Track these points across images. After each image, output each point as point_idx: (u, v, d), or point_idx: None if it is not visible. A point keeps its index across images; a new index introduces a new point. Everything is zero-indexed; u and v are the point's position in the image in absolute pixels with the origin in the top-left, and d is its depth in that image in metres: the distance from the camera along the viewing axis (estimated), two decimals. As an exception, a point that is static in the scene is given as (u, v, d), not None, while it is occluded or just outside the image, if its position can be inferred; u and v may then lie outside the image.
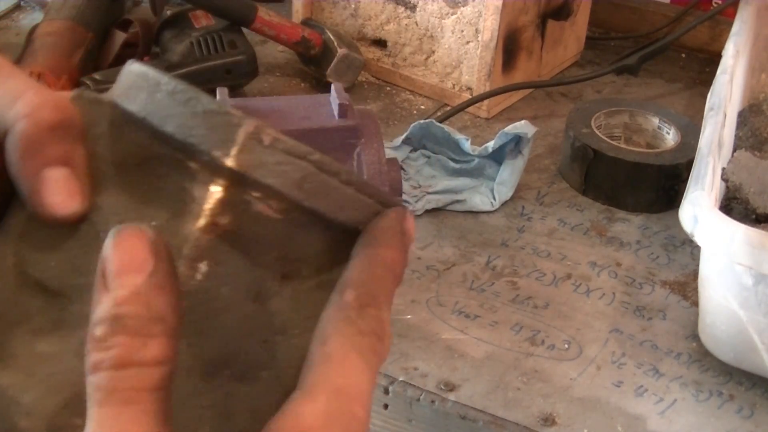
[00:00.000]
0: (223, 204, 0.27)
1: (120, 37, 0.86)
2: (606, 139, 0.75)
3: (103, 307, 0.24)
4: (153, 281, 0.24)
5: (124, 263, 0.24)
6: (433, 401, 0.55)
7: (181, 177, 0.27)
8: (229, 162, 0.26)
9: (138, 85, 0.28)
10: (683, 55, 1.03)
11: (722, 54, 0.76)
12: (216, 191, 0.27)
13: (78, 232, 0.27)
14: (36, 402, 0.26)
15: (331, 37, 0.87)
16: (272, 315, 0.28)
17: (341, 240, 0.29)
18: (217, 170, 0.26)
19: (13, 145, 0.27)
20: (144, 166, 0.27)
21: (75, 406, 0.25)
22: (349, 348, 0.27)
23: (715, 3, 1.04)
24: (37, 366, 0.26)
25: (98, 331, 0.24)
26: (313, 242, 0.28)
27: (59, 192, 0.27)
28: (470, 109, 0.86)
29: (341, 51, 0.86)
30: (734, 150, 0.69)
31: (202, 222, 0.26)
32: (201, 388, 0.27)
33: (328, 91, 0.62)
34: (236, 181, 0.27)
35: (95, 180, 0.28)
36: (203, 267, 0.26)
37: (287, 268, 0.28)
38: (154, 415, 0.24)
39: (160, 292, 0.25)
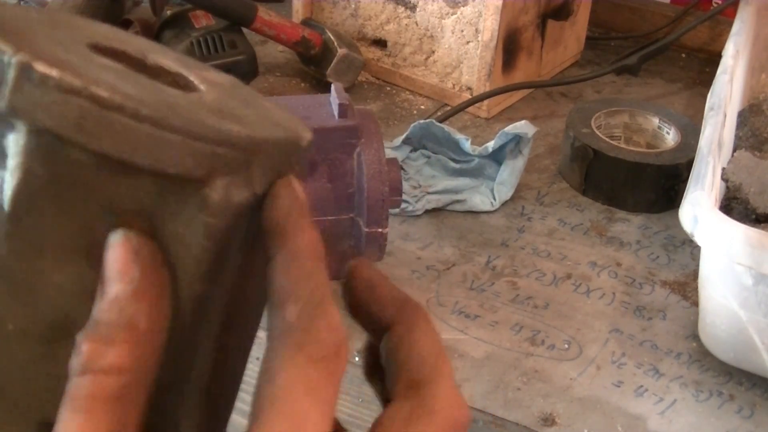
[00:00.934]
0: (32, 152, 0.24)
1: (120, 37, 0.86)
2: (606, 139, 0.75)
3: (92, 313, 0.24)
4: (130, 288, 0.24)
5: (112, 272, 0.24)
6: (433, 401, 0.54)
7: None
8: (2, 103, 0.24)
9: None
10: (683, 55, 1.03)
11: (722, 54, 0.76)
12: (16, 140, 0.24)
13: None
14: None
15: (331, 37, 0.87)
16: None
17: (176, 187, 0.25)
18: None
19: None
20: None
21: None
22: (300, 385, 0.24)
23: (715, 3, 1.04)
24: None
25: (78, 336, 0.24)
26: (139, 191, 0.25)
27: None
28: (470, 109, 0.86)
29: (341, 51, 0.86)
30: (734, 150, 0.69)
31: (18, 174, 0.24)
32: (45, 355, 0.25)
33: (328, 91, 0.62)
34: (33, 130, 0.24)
35: None
36: (25, 220, 0.24)
37: (118, 221, 0.25)
38: (105, 427, 0.23)
39: (136, 299, 0.24)
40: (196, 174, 0.25)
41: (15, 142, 0.24)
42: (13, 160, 0.24)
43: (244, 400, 0.63)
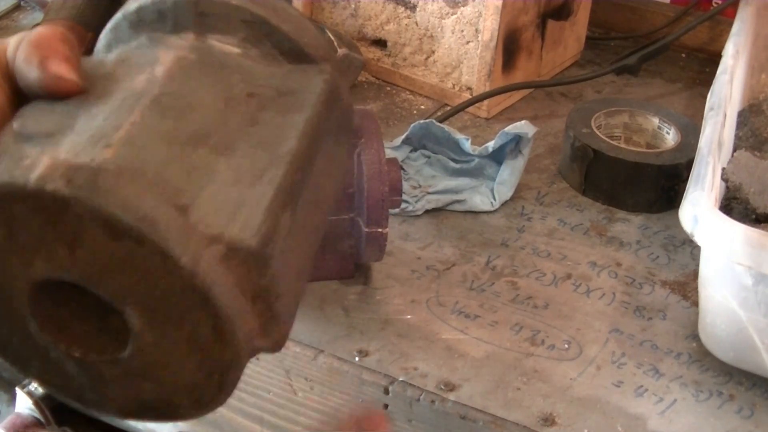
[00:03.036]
0: (190, 47, 0.34)
1: (120, 36, 0.86)
2: (606, 139, 0.75)
3: None
4: None
5: None
6: (433, 401, 0.55)
7: (157, 47, 0.34)
8: None
9: (121, 8, 0.36)
10: (683, 55, 1.03)
11: (722, 54, 0.76)
12: (183, 42, 0.34)
13: (70, 100, 0.32)
14: None
15: (331, 37, 0.87)
16: (242, 112, 0.33)
17: (296, 67, 0.35)
18: (182, 19, 0.34)
19: (26, 42, 0.33)
20: (125, 60, 0.34)
21: None
22: None
23: (715, 3, 1.04)
24: None
25: None
26: (269, 71, 0.35)
27: (63, 67, 0.32)
28: (470, 109, 0.86)
29: (341, 51, 0.86)
30: (734, 150, 0.69)
31: (173, 59, 0.33)
32: (184, 154, 0.30)
33: (328, 91, 0.62)
34: (199, 27, 0.34)
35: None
36: (178, 78, 0.33)
37: (251, 89, 0.34)
38: None
39: None
40: (319, 53, 0.36)
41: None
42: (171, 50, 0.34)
43: (244, 401, 0.63)
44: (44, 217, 0.28)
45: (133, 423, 0.69)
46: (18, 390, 0.67)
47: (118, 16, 0.36)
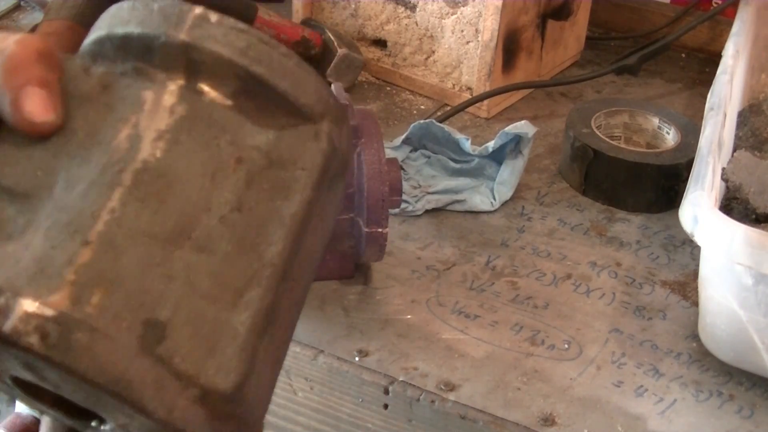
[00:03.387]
0: (179, 95, 0.32)
1: (120, 37, 0.86)
2: (606, 139, 0.75)
3: None
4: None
5: None
6: (433, 401, 0.55)
7: (143, 83, 0.32)
8: (182, 36, 0.31)
9: (107, 15, 0.34)
10: (683, 55, 1.03)
11: (722, 54, 0.76)
12: (171, 85, 0.32)
13: (48, 143, 0.31)
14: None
15: (331, 37, 0.87)
16: (228, 192, 0.31)
17: (291, 126, 0.33)
18: (171, 59, 0.32)
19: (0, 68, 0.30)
20: (109, 87, 0.32)
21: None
22: None
23: (715, 3, 1.04)
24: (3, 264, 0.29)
25: None
26: (262, 129, 0.32)
27: (38, 104, 0.30)
28: (470, 109, 0.86)
29: (341, 51, 0.86)
30: (734, 150, 0.69)
31: (159, 110, 0.31)
32: (163, 257, 0.29)
33: (328, 91, 0.62)
34: (189, 70, 0.32)
35: (67, 108, 0.32)
36: (162, 145, 0.30)
37: (240, 153, 0.32)
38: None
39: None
40: (317, 110, 0.33)
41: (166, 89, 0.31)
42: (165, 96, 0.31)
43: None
44: (19, 356, 0.28)
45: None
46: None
47: (102, 33, 0.33)
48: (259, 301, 0.30)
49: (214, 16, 0.32)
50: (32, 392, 0.33)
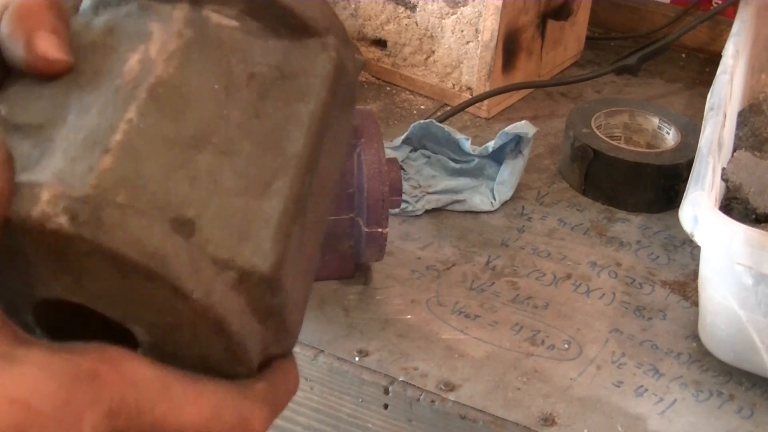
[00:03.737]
0: (185, 21, 0.32)
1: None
2: (606, 139, 0.75)
3: None
4: None
5: None
6: (433, 401, 0.55)
7: (148, 17, 0.32)
8: None
9: None
10: (683, 55, 1.03)
11: (722, 54, 0.76)
12: (177, 13, 0.32)
13: (58, 81, 0.31)
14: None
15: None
16: (244, 102, 0.31)
17: (298, 41, 0.33)
18: None
19: (10, 14, 0.31)
20: (114, 30, 0.32)
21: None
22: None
23: (715, 3, 1.04)
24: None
25: None
26: (271, 46, 0.33)
27: (51, 44, 0.31)
28: (470, 109, 0.86)
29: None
30: (734, 150, 0.69)
31: (167, 36, 0.31)
32: (186, 160, 0.29)
33: (328, 91, 0.62)
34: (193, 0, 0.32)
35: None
36: (174, 62, 0.31)
37: (251, 69, 0.32)
38: None
39: None
40: (322, 24, 0.34)
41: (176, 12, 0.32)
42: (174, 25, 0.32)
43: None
44: (47, 250, 0.27)
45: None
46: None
47: None
48: (289, 188, 0.30)
49: None
50: (55, 332, 0.32)
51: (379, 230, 0.59)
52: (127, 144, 0.28)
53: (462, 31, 0.85)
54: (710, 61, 0.96)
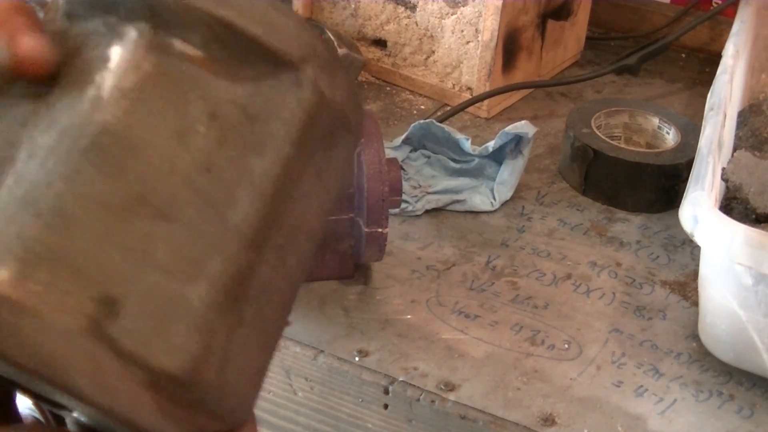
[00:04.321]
0: (145, 49, 0.29)
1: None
2: (606, 139, 0.75)
3: None
4: None
5: None
6: (433, 401, 0.55)
7: (111, 40, 0.29)
8: None
9: None
10: (683, 55, 1.03)
11: (722, 54, 0.76)
12: (138, 39, 0.29)
13: (17, 110, 0.29)
14: None
15: (331, 37, 0.87)
16: (197, 151, 0.28)
17: (269, 75, 0.30)
18: (135, 10, 0.29)
19: None
20: (81, 49, 0.29)
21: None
22: None
23: (715, 3, 1.04)
24: None
25: None
26: (238, 80, 0.29)
27: (35, 42, 0.29)
28: (470, 109, 0.86)
29: (341, 51, 0.86)
30: (734, 150, 0.69)
31: (125, 67, 0.29)
32: (121, 227, 0.27)
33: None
34: (155, 21, 0.29)
35: None
36: (124, 104, 0.28)
37: (213, 108, 0.29)
38: None
39: None
40: (297, 54, 0.30)
41: (130, 41, 0.29)
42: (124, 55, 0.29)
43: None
44: None
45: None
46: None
47: None
48: (221, 273, 0.27)
49: None
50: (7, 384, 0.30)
51: (379, 230, 0.59)
52: (60, 208, 0.27)
53: (462, 31, 0.85)
54: (710, 61, 0.96)
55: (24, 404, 0.66)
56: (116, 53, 0.29)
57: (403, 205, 0.70)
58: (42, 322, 0.25)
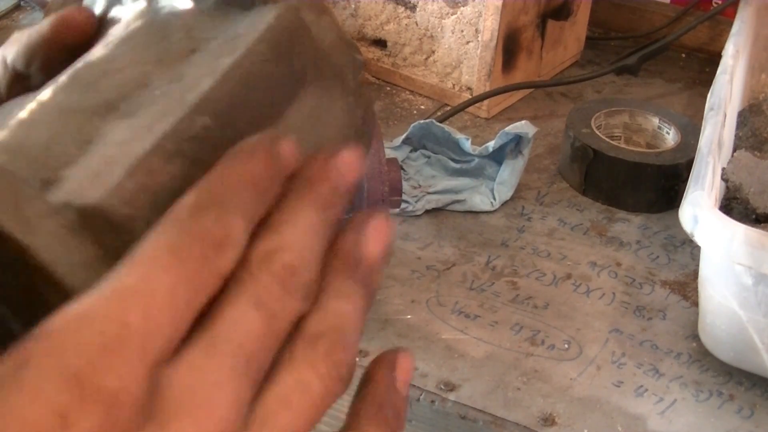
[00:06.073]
0: (141, 12, 0.30)
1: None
2: (606, 139, 0.75)
3: None
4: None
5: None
6: (433, 401, 0.55)
7: (121, 8, 0.31)
8: None
9: None
10: (683, 55, 1.03)
11: (722, 54, 0.76)
12: (134, 3, 0.31)
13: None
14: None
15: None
16: (173, 71, 0.28)
17: (248, 11, 0.30)
18: None
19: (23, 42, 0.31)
20: (104, 24, 0.32)
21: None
22: (162, 247, 0.23)
23: (715, 3, 1.04)
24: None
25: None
26: (222, 20, 0.30)
27: (72, 7, 0.31)
28: (470, 109, 0.86)
29: (341, 51, 0.86)
30: (734, 150, 0.69)
31: (123, 25, 0.30)
32: (84, 124, 0.27)
33: (328, 91, 0.62)
34: None
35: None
36: (111, 45, 0.29)
37: (194, 45, 0.29)
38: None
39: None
40: None
41: None
42: None
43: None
44: None
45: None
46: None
47: None
48: (170, 127, 0.26)
49: None
50: None
51: (379, 230, 0.59)
52: (29, 116, 0.27)
53: (462, 31, 0.85)
54: (710, 61, 0.96)
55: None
56: (121, 17, 0.31)
57: (403, 205, 0.70)
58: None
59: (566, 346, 0.60)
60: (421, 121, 0.76)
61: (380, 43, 0.92)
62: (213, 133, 0.27)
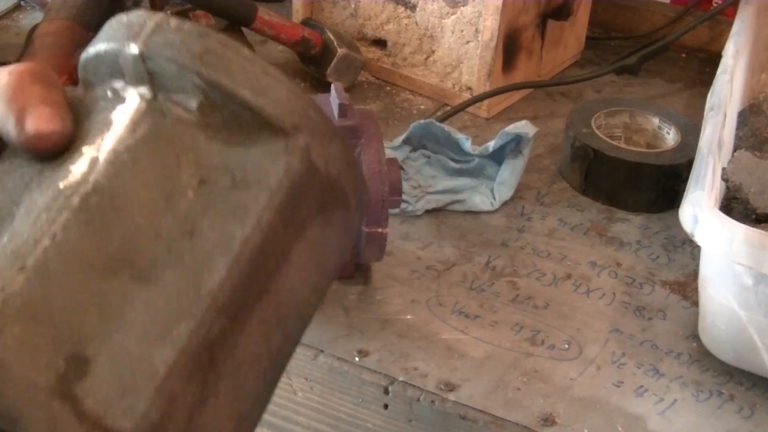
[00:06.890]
0: (143, 112, 0.30)
1: (120, 36, 0.86)
2: (606, 139, 0.75)
3: None
4: None
5: None
6: (433, 401, 0.55)
7: (114, 104, 0.30)
8: (139, 46, 0.29)
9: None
10: (683, 55, 1.03)
11: (722, 54, 0.76)
12: (138, 102, 0.30)
13: (24, 171, 0.30)
14: None
15: (331, 37, 0.87)
16: (183, 214, 0.28)
17: (261, 141, 0.30)
18: (136, 74, 0.30)
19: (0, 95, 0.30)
20: (89, 114, 0.31)
21: None
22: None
23: (715, 3, 1.04)
24: None
25: None
26: (230, 145, 0.30)
27: (42, 117, 0.29)
28: (470, 109, 0.86)
29: (341, 51, 0.86)
30: (734, 150, 0.69)
31: (122, 130, 0.30)
32: (100, 287, 0.27)
33: (328, 91, 0.62)
34: (153, 84, 0.30)
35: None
36: (117, 165, 0.29)
37: (202, 173, 0.29)
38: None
39: None
40: (288, 121, 0.30)
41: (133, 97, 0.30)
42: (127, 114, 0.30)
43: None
44: None
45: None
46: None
47: (82, 58, 0.32)
48: (188, 337, 0.27)
49: (174, 22, 0.30)
50: None
51: (379, 230, 0.59)
52: (43, 264, 0.27)
53: (462, 31, 0.85)
54: (710, 61, 0.96)
55: None
56: (117, 116, 0.30)
57: (403, 205, 0.70)
58: (10, 375, 0.25)
59: (566, 346, 0.60)
60: (421, 121, 0.76)
61: (380, 43, 0.92)
62: (227, 330, 0.28)
